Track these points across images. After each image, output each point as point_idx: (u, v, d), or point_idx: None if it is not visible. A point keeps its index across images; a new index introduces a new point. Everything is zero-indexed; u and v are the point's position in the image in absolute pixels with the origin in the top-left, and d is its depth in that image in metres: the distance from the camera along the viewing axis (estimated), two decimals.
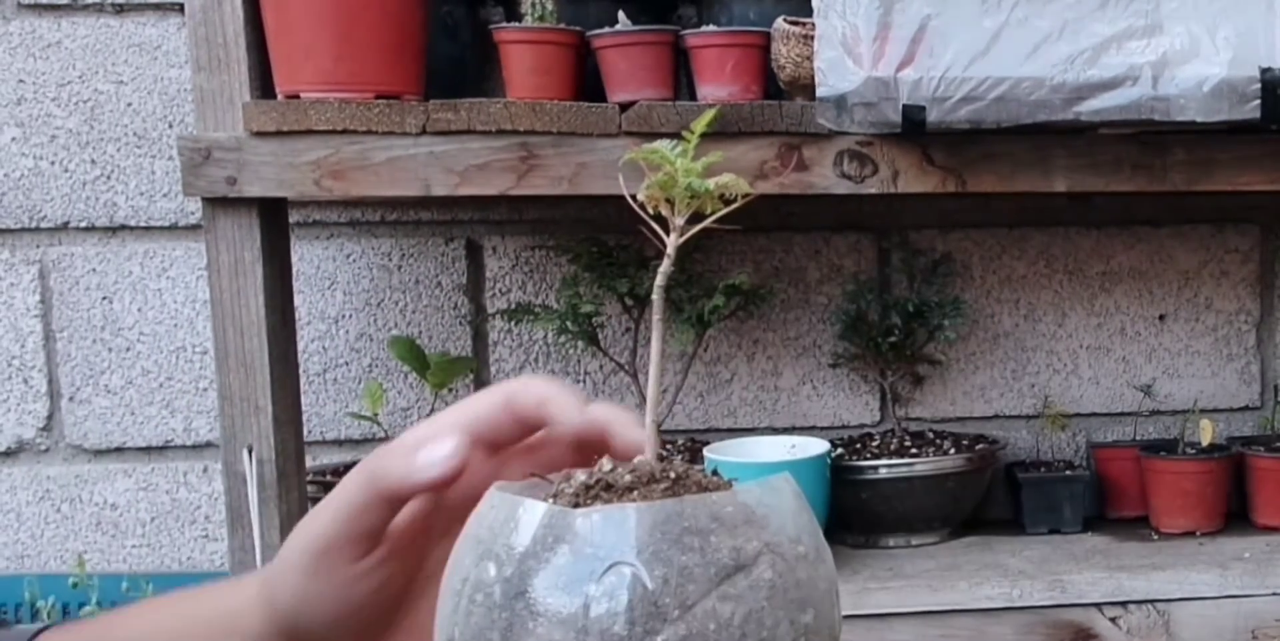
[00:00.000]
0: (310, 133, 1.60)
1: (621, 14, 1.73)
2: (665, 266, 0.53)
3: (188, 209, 1.90)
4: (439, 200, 1.93)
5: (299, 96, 1.60)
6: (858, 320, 1.98)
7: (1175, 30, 1.58)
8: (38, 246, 1.90)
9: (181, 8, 1.72)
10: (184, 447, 1.94)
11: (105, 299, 1.91)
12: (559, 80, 1.68)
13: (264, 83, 1.63)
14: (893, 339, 1.97)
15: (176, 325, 1.93)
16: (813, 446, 1.82)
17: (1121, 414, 2.10)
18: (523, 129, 1.62)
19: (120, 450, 1.94)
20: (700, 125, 0.52)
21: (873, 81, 1.56)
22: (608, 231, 1.93)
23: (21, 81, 1.88)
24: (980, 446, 1.95)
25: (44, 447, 1.92)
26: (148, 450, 1.94)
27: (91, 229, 1.90)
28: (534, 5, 1.73)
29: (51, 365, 1.91)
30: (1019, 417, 2.09)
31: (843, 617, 0.50)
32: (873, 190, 1.67)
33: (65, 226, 1.90)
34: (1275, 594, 1.77)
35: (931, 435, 2.00)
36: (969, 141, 1.66)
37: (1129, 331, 2.09)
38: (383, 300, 1.97)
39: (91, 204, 1.90)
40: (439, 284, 1.98)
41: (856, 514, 1.90)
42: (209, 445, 1.93)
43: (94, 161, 1.90)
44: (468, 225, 1.98)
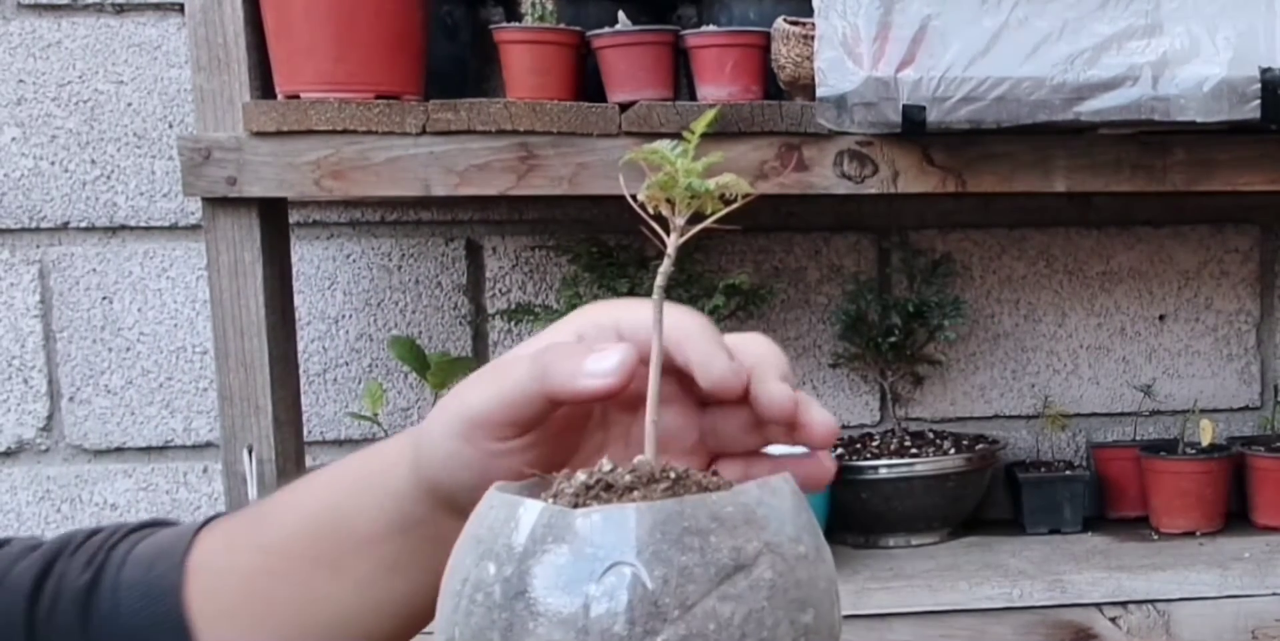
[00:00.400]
0: (310, 133, 1.60)
1: (621, 14, 1.73)
2: (665, 266, 0.53)
3: (188, 209, 1.90)
4: (439, 200, 1.93)
5: (299, 96, 1.60)
6: (858, 320, 1.98)
7: (1175, 30, 1.58)
8: (38, 246, 1.90)
9: (181, 8, 1.72)
10: (184, 447, 1.94)
11: (105, 299, 1.91)
12: (559, 80, 1.68)
13: (264, 83, 1.63)
14: (893, 339, 1.97)
15: (176, 325, 1.93)
16: None
17: (1121, 414, 2.10)
18: (523, 129, 1.62)
19: (120, 450, 1.93)
20: (701, 125, 0.51)
21: (873, 81, 1.56)
22: (608, 231, 1.92)
23: (21, 81, 1.88)
24: (980, 446, 1.95)
25: (44, 448, 1.92)
26: (148, 450, 1.94)
27: (91, 229, 1.90)
28: (534, 5, 1.73)
29: (51, 365, 1.91)
30: (1019, 417, 2.09)
31: (843, 617, 0.50)
32: (873, 190, 1.67)
33: (65, 226, 1.90)
34: (1275, 594, 1.77)
35: (931, 435, 2.00)
36: (969, 141, 1.66)
37: (1129, 331, 2.09)
38: (383, 300, 1.97)
39: (91, 204, 1.90)
40: (439, 284, 1.98)
41: (856, 514, 1.90)
42: (209, 445, 1.92)
43: (94, 161, 1.89)
44: (468, 225, 1.98)
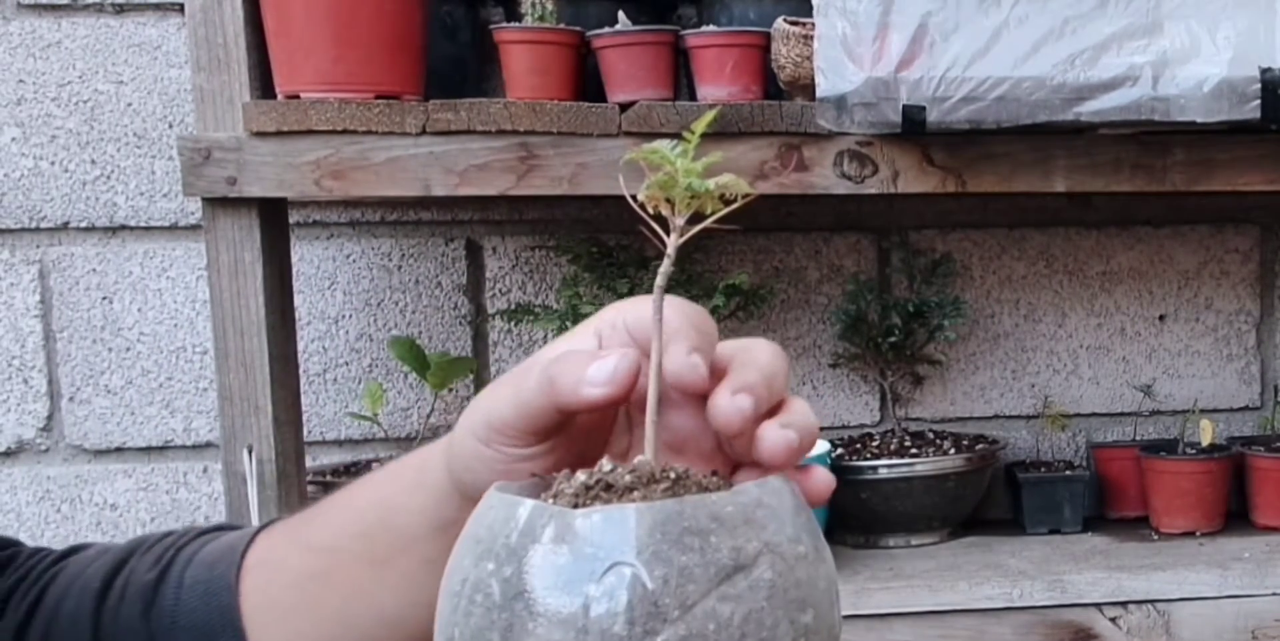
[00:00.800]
0: (310, 133, 1.60)
1: (621, 14, 1.73)
2: (665, 266, 0.52)
3: (188, 209, 1.90)
4: (439, 200, 1.93)
5: (299, 96, 1.60)
6: (858, 320, 1.98)
7: (1175, 30, 1.58)
8: (38, 246, 1.90)
9: (181, 8, 1.72)
10: (184, 447, 1.94)
11: (105, 299, 1.91)
12: (559, 80, 1.68)
13: (264, 83, 1.63)
14: (893, 339, 1.97)
15: (176, 325, 1.93)
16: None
17: (1121, 414, 2.10)
18: (523, 129, 1.62)
19: (120, 450, 1.93)
20: (701, 125, 0.51)
21: (873, 81, 1.56)
22: (608, 231, 1.92)
23: (21, 81, 1.88)
24: (980, 446, 1.95)
25: (44, 448, 1.92)
26: (148, 450, 1.94)
27: (91, 229, 1.90)
28: (534, 5, 1.73)
29: (51, 365, 1.91)
30: (1019, 417, 2.09)
31: (842, 617, 0.50)
32: (873, 190, 1.67)
33: (65, 226, 1.90)
34: (1275, 594, 1.77)
35: (931, 435, 2.00)
36: (969, 141, 1.66)
37: (1129, 331, 2.09)
38: (383, 300, 1.97)
39: (91, 204, 1.90)
40: (439, 284, 1.98)
41: (856, 514, 1.90)
42: (209, 445, 1.92)
43: (94, 161, 1.89)
44: (468, 225, 1.98)
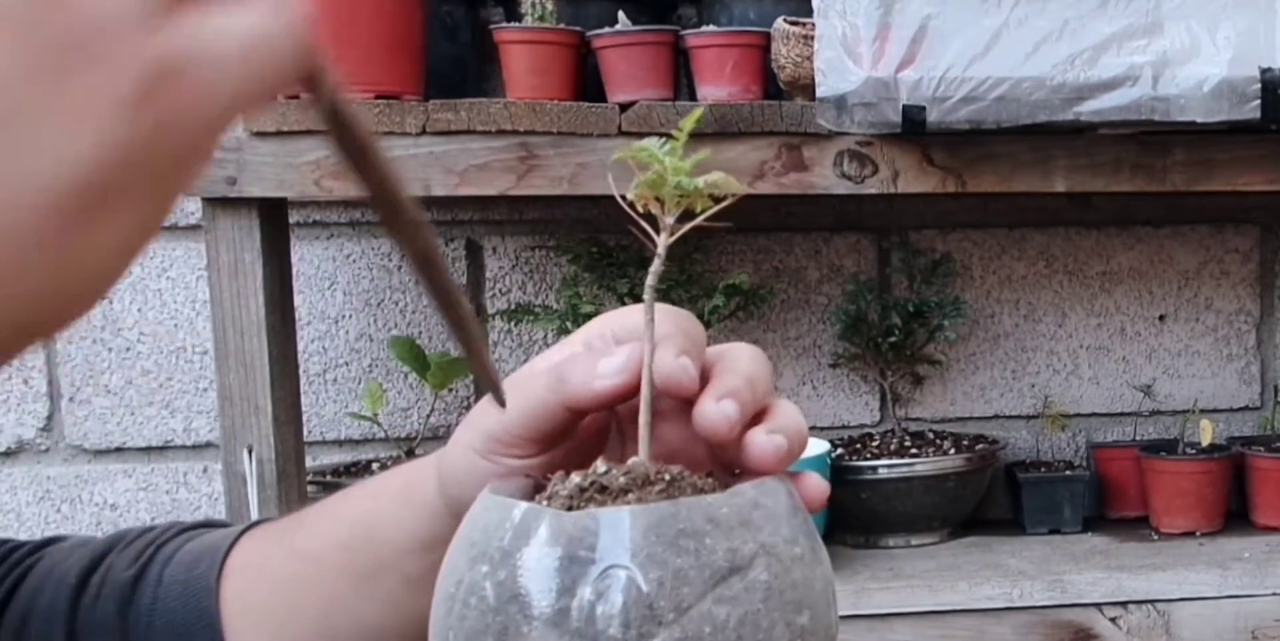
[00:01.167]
0: (310, 133, 1.60)
1: (621, 14, 1.73)
2: (656, 266, 0.52)
3: (188, 209, 1.89)
4: (439, 200, 1.93)
5: (299, 96, 1.60)
6: (858, 320, 1.98)
7: (1175, 30, 1.58)
8: None
9: None
10: (184, 448, 1.94)
11: (105, 299, 1.91)
12: (559, 80, 1.68)
13: None
14: (893, 339, 1.97)
15: (176, 325, 1.93)
16: (812, 446, 1.81)
17: (1121, 414, 2.10)
18: (522, 129, 1.62)
19: (120, 450, 1.93)
20: (689, 124, 0.51)
21: (873, 81, 1.56)
22: (608, 231, 1.92)
23: None
24: (980, 446, 1.95)
25: (44, 448, 1.92)
26: (148, 450, 1.94)
27: None
28: (534, 5, 1.73)
29: (51, 365, 1.91)
30: (1019, 417, 2.09)
31: (840, 618, 0.50)
32: (873, 190, 1.67)
33: None
34: (1275, 594, 1.77)
35: (931, 435, 2.00)
36: (969, 141, 1.66)
37: (1129, 331, 2.09)
38: (383, 300, 1.97)
39: None
40: None
41: (856, 514, 1.89)
42: (209, 445, 1.92)
43: None
44: (468, 225, 1.98)
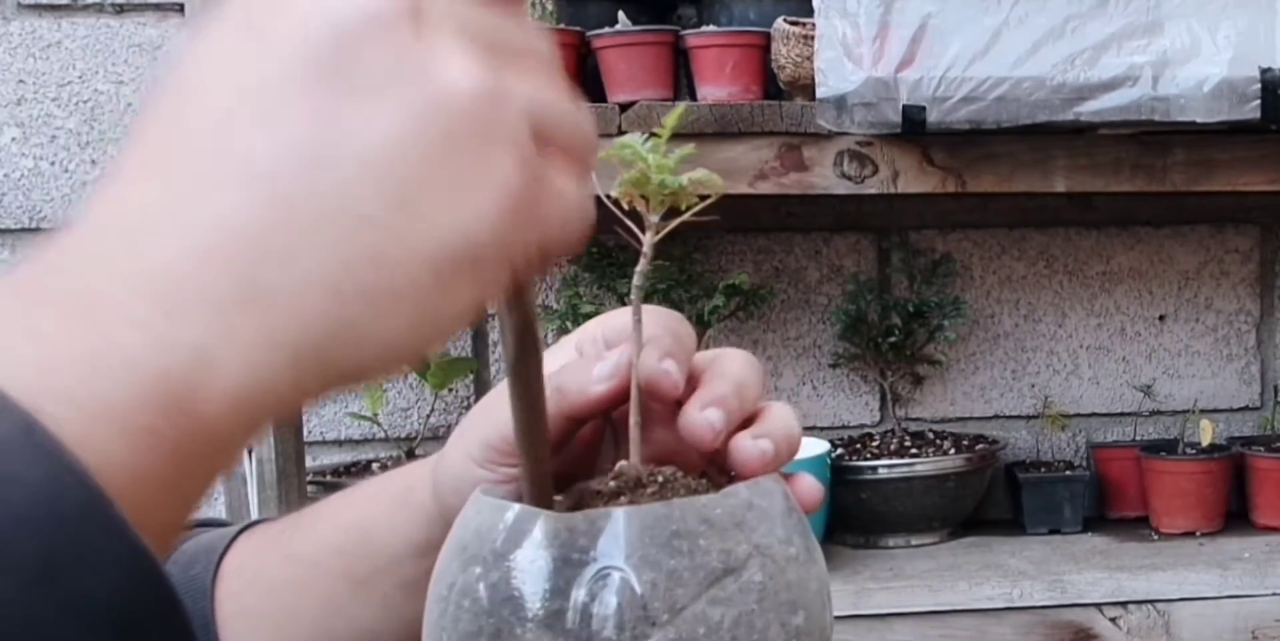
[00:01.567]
0: None
1: (621, 14, 1.73)
2: (642, 265, 0.51)
3: None
4: None
5: None
6: (858, 320, 1.97)
7: (1175, 30, 1.58)
8: (38, 246, 1.89)
9: (181, 8, 1.72)
10: None
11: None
12: None
13: None
14: (893, 339, 1.97)
15: None
16: (813, 446, 1.81)
17: (1121, 414, 2.10)
18: None
19: None
20: (671, 120, 0.50)
21: (873, 81, 1.56)
22: (607, 231, 1.92)
23: (21, 81, 1.88)
24: (980, 446, 1.95)
25: None
26: None
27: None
28: (534, 5, 1.73)
29: None
30: (1019, 417, 2.08)
31: (840, 618, 0.50)
32: (873, 190, 1.67)
33: (65, 227, 1.89)
34: (1275, 594, 1.77)
35: (931, 435, 1.99)
36: (969, 141, 1.66)
37: (1129, 331, 2.09)
38: None
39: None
40: None
41: (856, 514, 1.89)
42: None
43: (94, 161, 1.89)
44: None
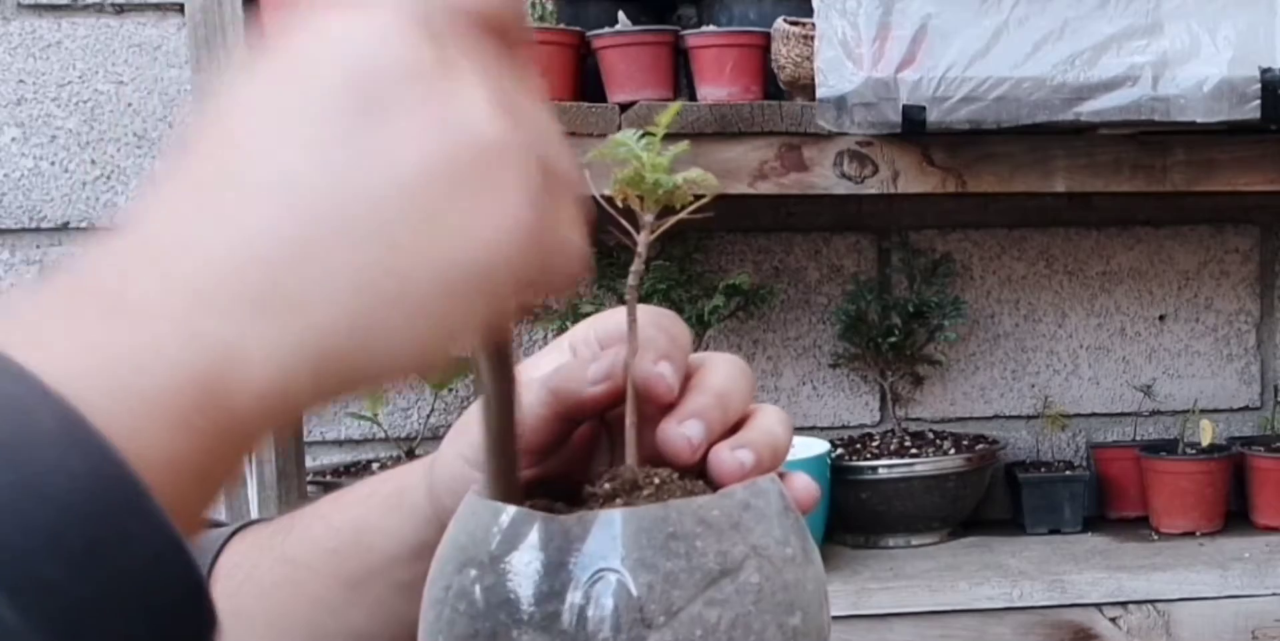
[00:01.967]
0: None
1: (621, 14, 1.73)
2: (636, 265, 0.51)
3: None
4: None
5: None
6: (858, 320, 1.97)
7: (1175, 30, 1.58)
8: (38, 247, 1.90)
9: (181, 8, 1.72)
10: None
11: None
12: (559, 80, 1.68)
13: None
14: (893, 339, 1.97)
15: None
16: (812, 446, 1.82)
17: (1121, 414, 2.10)
18: None
19: None
20: (665, 118, 0.50)
21: (873, 82, 1.56)
22: (606, 231, 1.92)
23: (21, 81, 1.88)
24: (980, 446, 1.95)
25: None
26: None
27: (92, 229, 1.90)
28: (534, 5, 1.73)
29: None
30: (1019, 417, 2.08)
31: (840, 618, 0.50)
32: (873, 190, 1.67)
33: (65, 227, 1.90)
34: (1275, 594, 1.77)
35: (931, 435, 1.99)
36: (969, 141, 1.65)
37: (1129, 331, 2.09)
38: None
39: (91, 204, 1.90)
40: None
41: (856, 514, 1.89)
42: None
43: (94, 161, 1.89)
44: None
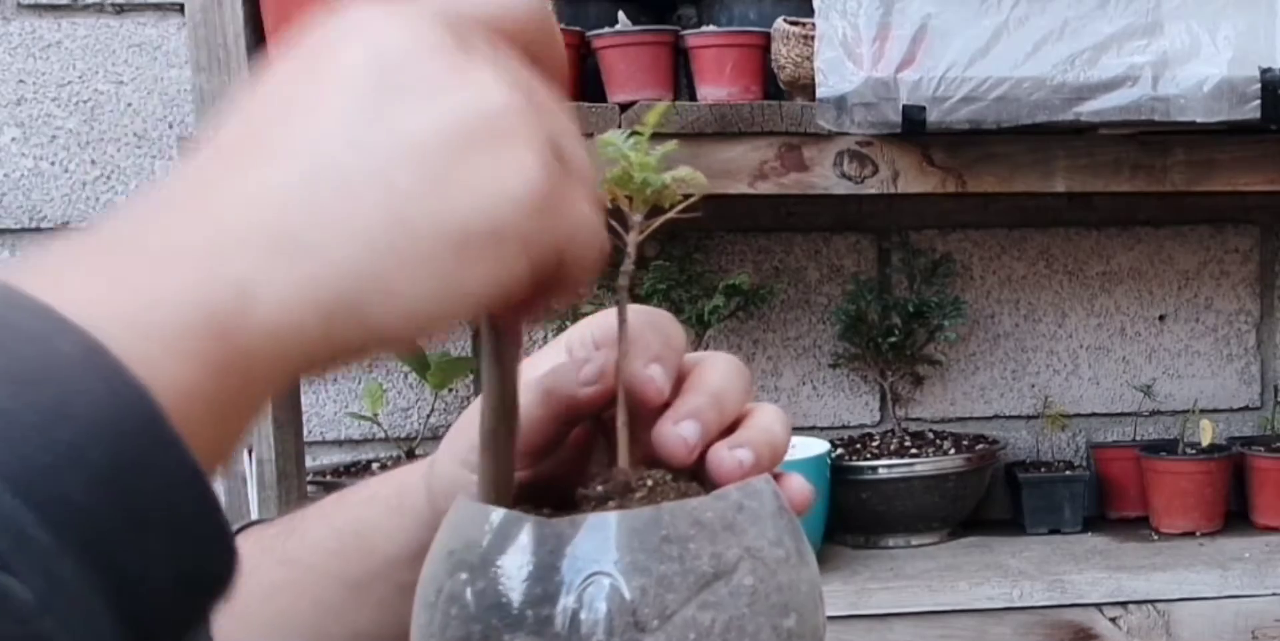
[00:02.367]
0: None
1: (621, 14, 1.73)
2: (626, 265, 0.50)
3: None
4: None
5: None
6: (858, 320, 1.97)
7: (1175, 30, 1.58)
8: (38, 246, 1.89)
9: (181, 8, 1.72)
10: None
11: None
12: None
13: None
14: (893, 339, 1.97)
15: None
16: (813, 446, 1.82)
17: (1121, 414, 2.10)
18: None
19: None
20: (653, 117, 0.50)
21: (873, 82, 1.56)
22: (607, 231, 1.92)
23: (21, 81, 1.88)
24: (980, 446, 1.95)
25: None
26: None
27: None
28: None
29: None
30: (1019, 417, 2.08)
31: (840, 618, 0.50)
32: (873, 190, 1.67)
33: (65, 227, 1.90)
34: (1275, 594, 1.77)
35: (931, 435, 1.99)
36: (969, 142, 1.65)
37: (1129, 331, 2.09)
38: None
39: (91, 204, 1.90)
40: None
41: (856, 514, 1.89)
42: None
43: (94, 161, 1.89)
44: None
